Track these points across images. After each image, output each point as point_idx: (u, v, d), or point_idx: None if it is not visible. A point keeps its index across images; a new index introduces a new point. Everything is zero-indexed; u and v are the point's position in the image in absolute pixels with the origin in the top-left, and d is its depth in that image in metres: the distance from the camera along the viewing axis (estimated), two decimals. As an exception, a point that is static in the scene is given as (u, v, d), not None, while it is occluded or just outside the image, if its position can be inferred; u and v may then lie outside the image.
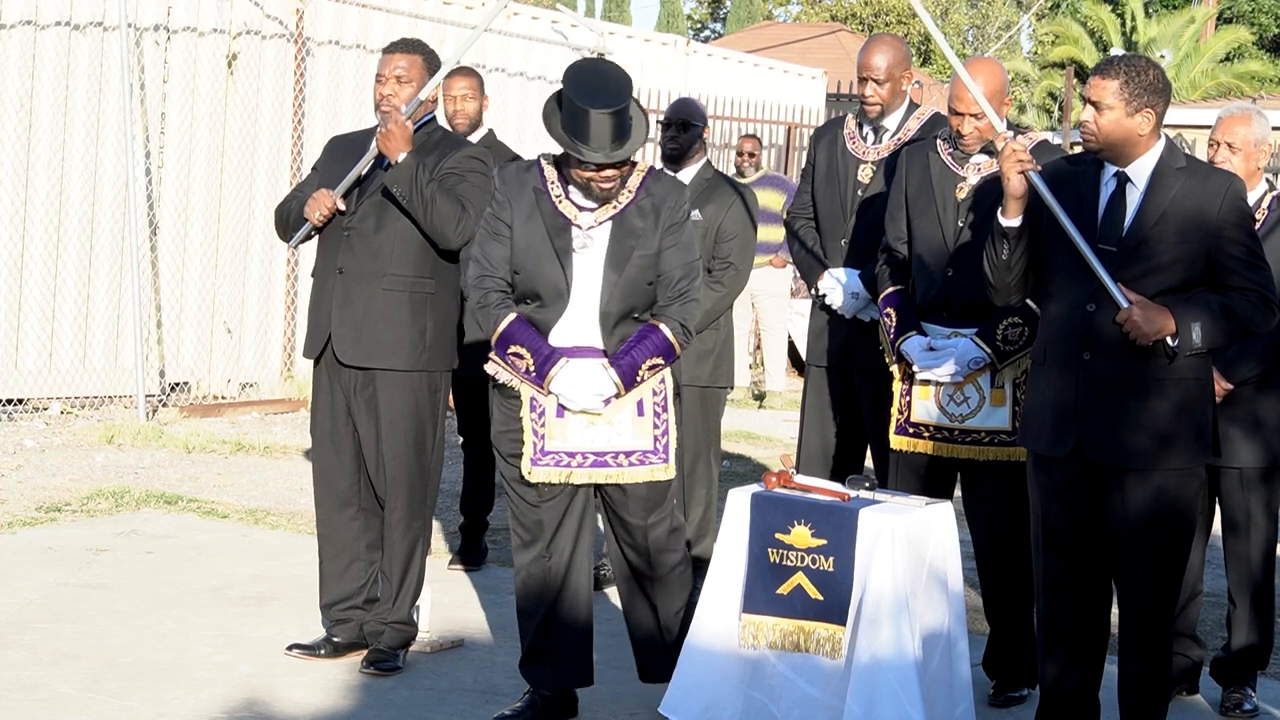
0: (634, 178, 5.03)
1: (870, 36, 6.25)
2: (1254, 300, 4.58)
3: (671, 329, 4.99)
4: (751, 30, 32.13)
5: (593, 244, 4.98)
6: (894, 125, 6.13)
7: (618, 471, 5.01)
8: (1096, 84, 4.58)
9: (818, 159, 6.28)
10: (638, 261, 4.96)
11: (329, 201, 5.51)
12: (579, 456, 5.00)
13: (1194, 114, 22.80)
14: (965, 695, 4.96)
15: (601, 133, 4.82)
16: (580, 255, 4.96)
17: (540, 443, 4.99)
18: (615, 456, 5.00)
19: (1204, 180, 4.61)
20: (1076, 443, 4.62)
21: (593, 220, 4.99)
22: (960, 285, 5.45)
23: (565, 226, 4.98)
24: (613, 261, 4.96)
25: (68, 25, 10.41)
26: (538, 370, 4.94)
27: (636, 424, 5.00)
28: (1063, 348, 4.65)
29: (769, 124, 15.68)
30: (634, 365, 4.94)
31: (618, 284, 4.95)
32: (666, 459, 5.03)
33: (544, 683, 5.16)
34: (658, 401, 5.02)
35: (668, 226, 4.99)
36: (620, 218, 4.99)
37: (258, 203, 11.42)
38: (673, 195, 5.03)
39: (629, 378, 4.94)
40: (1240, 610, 5.65)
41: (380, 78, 5.54)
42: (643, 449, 5.01)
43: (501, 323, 4.97)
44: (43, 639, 5.71)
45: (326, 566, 5.72)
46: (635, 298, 4.99)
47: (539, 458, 5.00)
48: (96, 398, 10.68)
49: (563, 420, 4.98)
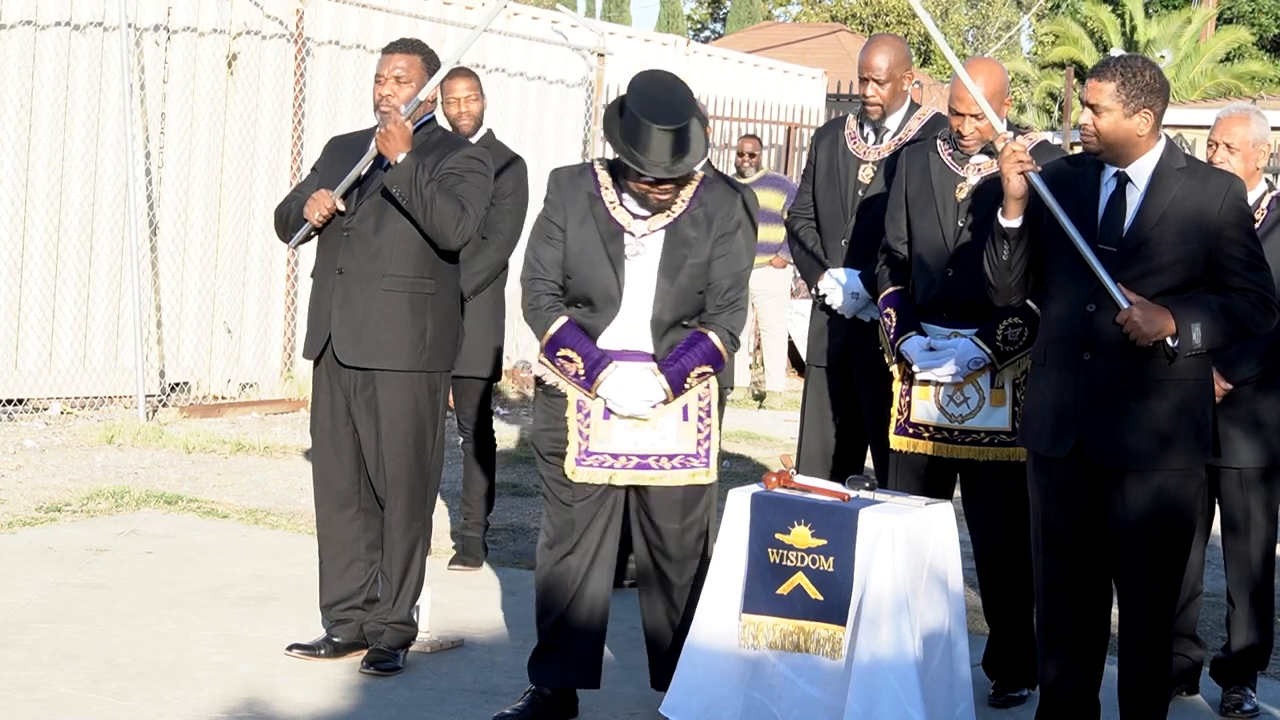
0: (688, 187, 5.06)
1: (871, 37, 6.25)
2: (1254, 301, 4.58)
3: (720, 337, 5.04)
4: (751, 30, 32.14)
5: (645, 251, 5.02)
6: (895, 125, 6.13)
7: (659, 474, 5.06)
8: (1093, 87, 4.58)
9: (818, 159, 6.29)
10: (689, 270, 5.01)
11: (329, 202, 5.51)
12: (622, 458, 5.04)
13: (1194, 114, 22.81)
14: (965, 695, 4.96)
15: (661, 148, 4.86)
16: (632, 262, 5.01)
17: (585, 443, 5.04)
18: (658, 459, 5.05)
19: (1204, 181, 4.61)
20: (1077, 443, 4.62)
21: (645, 228, 5.03)
22: (960, 285, 5.45)
23: (619, 233, 5.02)
24: (665, 270, 5.00)
25: (68, 25, 10.41)
26: (587, 374, 4.99)
27: (681, 428, 5.06)
28: (1063, 348, 4.65)
29: (769, 124, 15.68)
30: (683, 372, 5.00)
31: (669, 292, 5.00)
32: (708, 464, 5.08)
33: (549, 679, 5.16)
34: (702, 407, 5.07)
35: (719, 236, 5.04)
36: (674, 226, 5.03)
37: (258, 203, 11.42)
38: (725, 205, 5.07)
39: (677, 384, 4.99)
40: (1240, 610, 5.65)
41: (379, 78, 5.54)
42: (685, 453, 5.06)
43: (552, 326, 5.02)
44: (43, 639, 5.71)
45: (326, 567, 5.72)
46: (686, 306, 5.04)
47: (583, 458, 5.05)
48: (96, 398, 10.68)
49: (608, 422, 5.03)
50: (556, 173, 5.15)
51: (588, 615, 5.16)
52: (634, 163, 4.87)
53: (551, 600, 5.15)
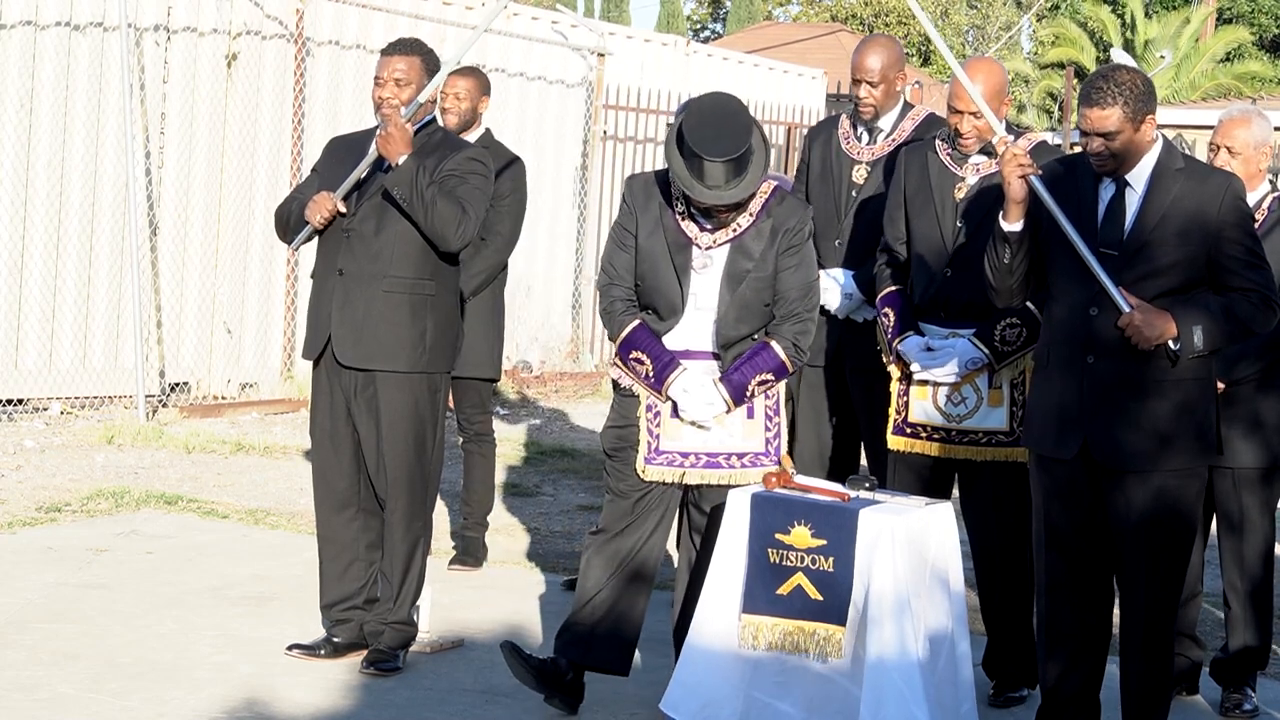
0: (756, 200, 5.10)
1: (864, 38, 6.25)
2: (1255, 300, 4.58)
3: (783, 346, 5.09)
4: (751, 30, 32.15)
5: (712, 264, 5.08)
6: (889, 126, 6.13)
7: (729, 473, 5.12)
8: (1099, 117, 4.54)
9: (811, 159, 6.29)
10: (752, 284, 5.07)
11: (329, 204, 5.51)
12: (692, 456, 5.13)
13: (1194, 114, 22.81)
14: (968, 695, 4.96)
15: (715, 175, 4.91)
16: (700, 275, 5.08)
17: (655, 442, 5.12)
18: (728, 458, 5.12)
19: (1203, 181, 4.61)
20: (1081, 444, 4.62)
21: (712, 240, 5.09)
22: (958, 286, 5.45)
23: (686, 245, 5.09)
24: (728, 282, 5.07)
25: (68, 25, 10.41)
26: (656, 376, 5.08)
27: (747, 426, 5.12)
28: (1065, 350, 4.66)
29: (769, 124, 15.67)
30: (744, 382, 5.06)
31: (731, 304, 5.06)
32: (778, 461, 5.14)
33: (573, 654, 5.20)
34: (769, 405, 5.14)
35: (785, 249, 5.09)
36: (739, 240, 5.09)
37: (258, 203, 11.42)
38: (793, 217, 5.12)
39: (739, 394, 5.06)
40: (1239, 611, 5.65)
41: (379, 80, 5.54)
42: (754, 451, 5.13)
43: (625, 329, 5.13)
44: (43, 639, 5.71)
45: (326, 567, 5.72)
46: (750, 318, 5.10)
47: (653, 456, 5.13)
48: (96, 398, 10.68)
49: (677, 421, 5.11)
50: (631, 180, 5.24)
51: (623, 606, 5.20)
52: (691, 190, 4.94)
53: (586, 587, 5.21)
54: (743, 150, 4.90)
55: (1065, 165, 4.85)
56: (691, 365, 5.08)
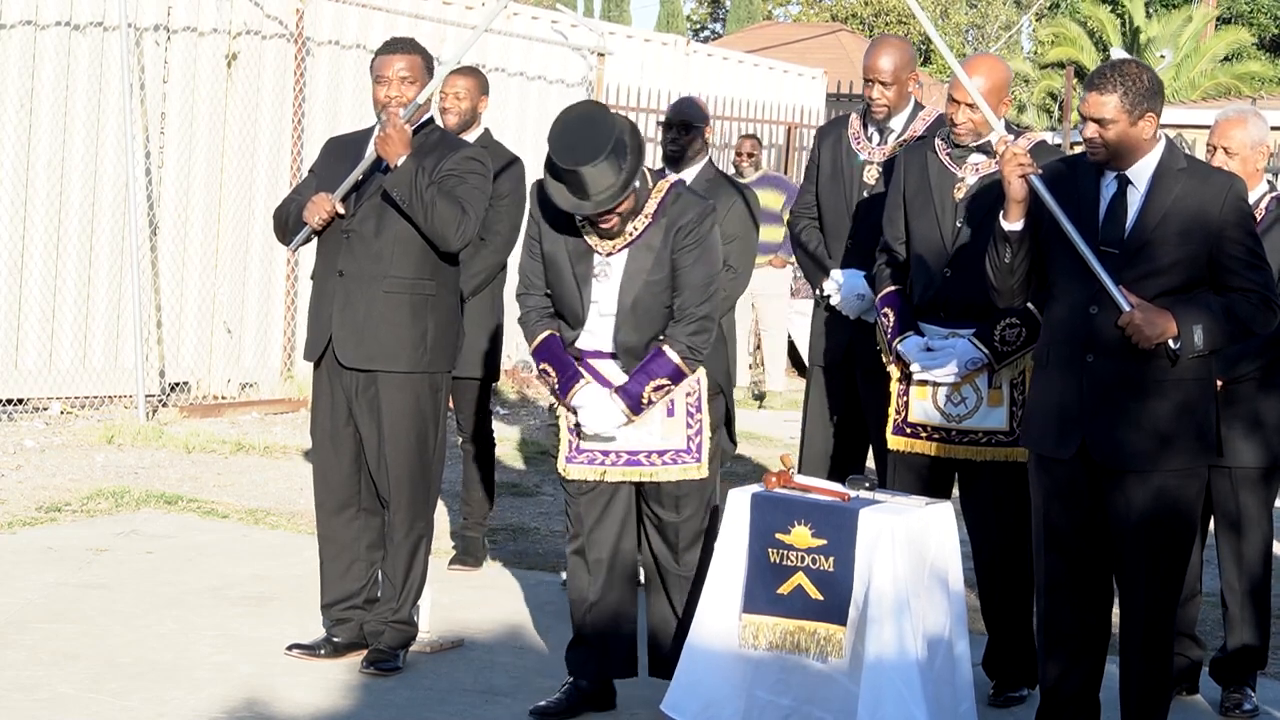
0: (651, 201, 5.09)
1: (875, 39, 6.24)
2: (1255, 301, 4.58)
3: (677, 350, 5.06)
4: (751, 30, 32.14)
5: (611, 270, 5.08)
6: (899, 126, 6.12)
7: (650, 470, 5.13)
8: (1095, 101, 4.56)
9: (822, 159, 6.28)
10: (650, 287, 5.06)
11: (328, 205, 5.51)
12: (613, 455, 5.12)
13: (1194, 114, 22.80)
14: (967, 695, 4.96)
15: (580, 185, 4.90)
16: (600, 283, 5.08)
17: (576, 440, 5.13)
18: (648, 455, 5.12)
19: (1205, 181, 4.61)
20: (1080, 444, 4.62)
21: (611, 247, 5.09)
22: (958, 285, 5.45)
23: (587, 252, 5.10)
24: (624, 289, 5.06)
25: (68, 25, 10.41)
26: (561, 388, 5.12)
27: (666, 424, 5.11)
28: (1065, 349, 4.66)
29: (769, 124, 15.68)
30: (638, 390, 5.04)
31: (629, 311, 5.05)
32: (699, 458, 5.13)
33: (585, 673, 5.25)
34: (691, 402, 5.12)
35: (678, 247, 5.05)
36: (636, 246, 5.08)
37: (258, 203, 11.42)
38: (688, 213, 5.07)
39: (634, 403, 5.05)
40: (1238, 610, 5.65)
41: (383, 79, 5.52)
42: (675, 448, 5.13)
43: (536, 339, 5.18)
44: (43, 639, 5.71)
45: (327, 567, 5.72)
46: (650, 324, 5.08)
47: (574, 455, 5.15)
48: (96, 398, 10.68)
49: None
50: (537, 185, 5.18)
51: (615, 608, 5.24)
52: (556, 200, 4.95)
53: (577, 593, 5.26)
54: (601, 156, 4.85)
55: (1068, 164, 4.85)
56: (603, 367, 5.09)
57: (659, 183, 5.13)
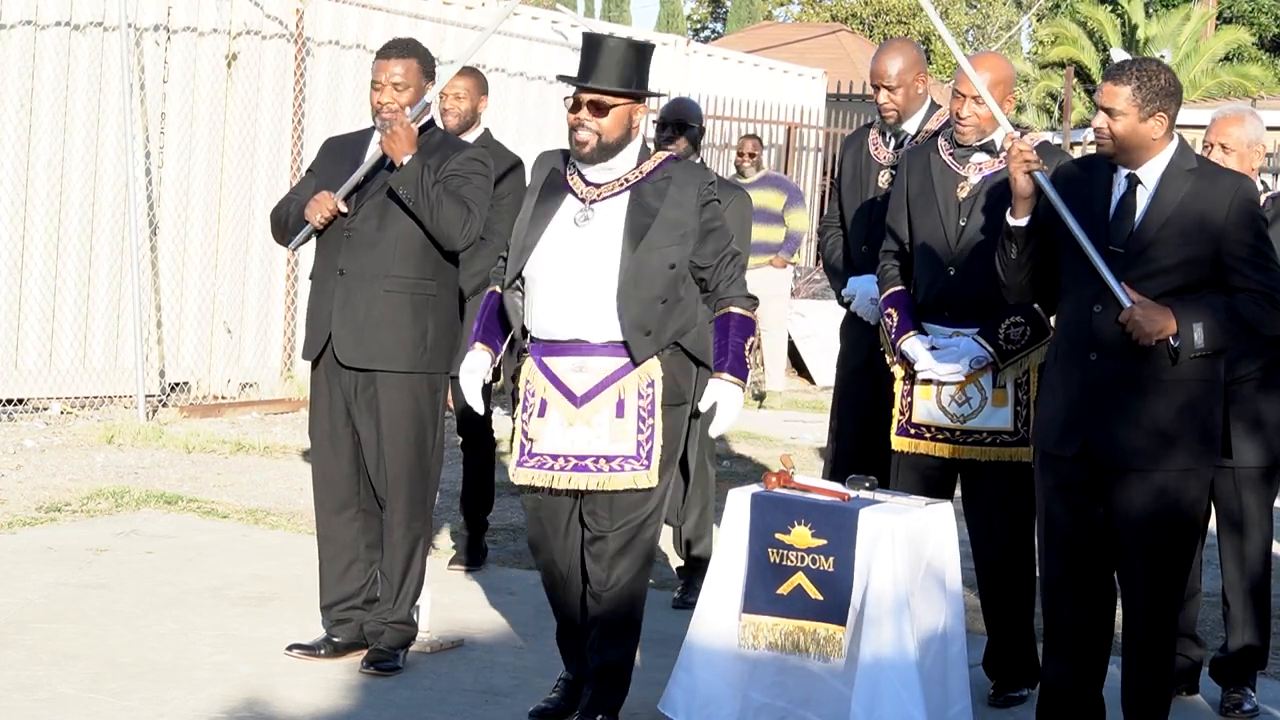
0: (650, 162, 4.94)
1: (882, 43, 6.24)
2: (1260, 301, 4.57)
3: (745, 306, 5.04)
4: (751, 30, 32.13)
5: (595, 218, 4.89)
6: (914, 128, 6.10)
7: (598, 477, 4.86)
8: (1109, 90, 4.57)
9: (844, 168, 6.29)
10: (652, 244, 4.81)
11: (330, 204, 5.51)
12: (561, 459, 4.89)
13: (1194, 114, 22.78)
14: (964, 694, 4.97)
15: (594, 56, 4.81)
16: (582, 229, 4.88)
17: (529, 444, 4.94)
18: (596, 461, 4.86)
19: (1213, 181, 4.62)
20: (1084, 442, 4.63)
21: (597, 195, 4.90)
22: (962, 285, 5.45)
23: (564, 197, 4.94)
24: (630, 236, 4.83)
25: (68, 25, 10.42)
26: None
27: (614, 426, 4.85)
28: (1071, 348, 4.67)
29: (769, 124, 15.68)
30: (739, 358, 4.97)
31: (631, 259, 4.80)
32: (648, 465, 4.86)
33: (569, 666, 5.21)
34: (643, 405, 4.87)
35: (703, 203, 4.89)
36: (636, 192, 4.87)
37: (258, 203, 11.43)
38: (697, 177, 4.93)
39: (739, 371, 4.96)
40: (1239, 610, 5.65)
41: (377, 84, 5.53)
42: (623, 454, 4.85)
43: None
44: (43, 639, 5.71)
45: (326, 567, 5.72)
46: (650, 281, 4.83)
47: (524, 459, 4.95)
48: (96, 398, 10.68)
49: (544, 420, 4.91)
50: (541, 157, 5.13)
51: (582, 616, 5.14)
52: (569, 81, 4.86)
53: (549, 596, 5.21)
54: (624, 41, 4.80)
55: (1082, 164, 4.87)
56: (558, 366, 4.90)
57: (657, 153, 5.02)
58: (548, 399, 4.91)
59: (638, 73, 4.86)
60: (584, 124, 4.85)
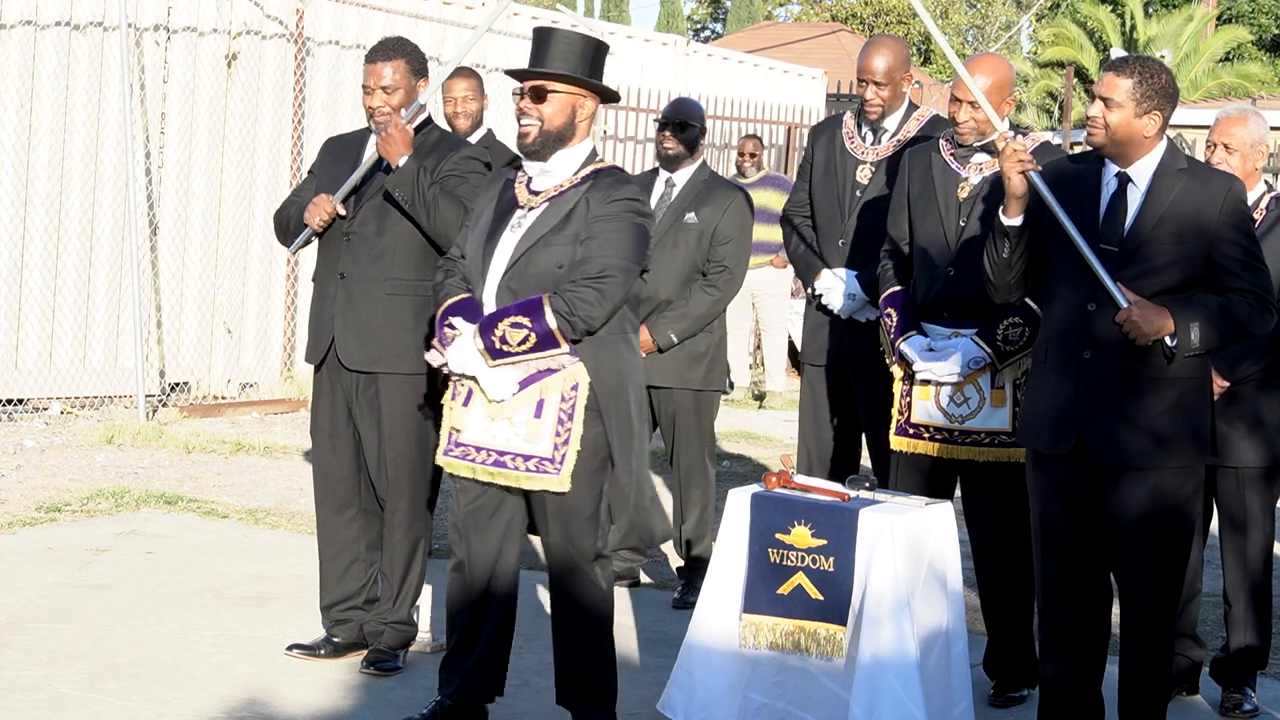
0: (587, 168, 4.86)
1: (869, 39, 6.25)
2: (1252, 302, 4.59)
3: (551, 301, 4.66)
4: (751, 30, 32.15)
5: (525, 222, 4.83)
6: (893, 126, 6.13)
7: (515, 475, 4.77)
8: (1109, 81, 4.58)
9: (815, 157, 6.29)
10: (546, 244, 4.74)
11: (329, 206, 5.52)
12: (484, 452, 4.80)
13: (1194, 114, 22.80)
14: (965, 695, 4.97)
15: (544, 46, 4.78)
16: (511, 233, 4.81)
17: (455, 434, 4.85)
18: (513, 458, 4.76)
19: (1204, 182, 4.62)
20: (1076, 441, 4.63)
21: (534, 201, 4.85)
22: (961, 285, 5.45)
23: (511, 209, 4.88)
24: (525, 239, 4.78)
25: (68, 25, 10.42)
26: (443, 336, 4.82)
27: (531, 425, 4.75)
28: (1063, 347, 4.66)
29: (769, 124, 15.68)
30: (490, 325, 4.69)
31: (520, 262, 4.75)
32: (559, 470, 4.72)
33: (447, 689, 4.97)
34: (564, 409, 4.74)
35: (598, 216, 4.75)
36: (555, 200, 4.81)
37: (258, 203, 11.43)
38: (614, 189, 4.77)
39: (489, 340, 4.67)
40: (1239, 610, 5.65)
41: (367, 89, 5.54)
42: (540, 456, 4.74)
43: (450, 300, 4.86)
44: (43, 639, 5.71)
45: (327, 567, 5.73)
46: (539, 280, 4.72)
47: (451, 448, 4.86)
48: (96, 398, 10.68)
49: (467, 410, 4.82)
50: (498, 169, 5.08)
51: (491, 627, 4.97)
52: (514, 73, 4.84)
53: (454, 607, 4.98)
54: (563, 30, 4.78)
55: (1071, 162, 4.87)
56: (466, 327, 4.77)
57: (603, 161, 4.93)
58: (473, 389, 4.82)
59: (585, 63, 4.82)
60: (526, 113, 4.81)
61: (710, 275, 6.69)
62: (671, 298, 6.67)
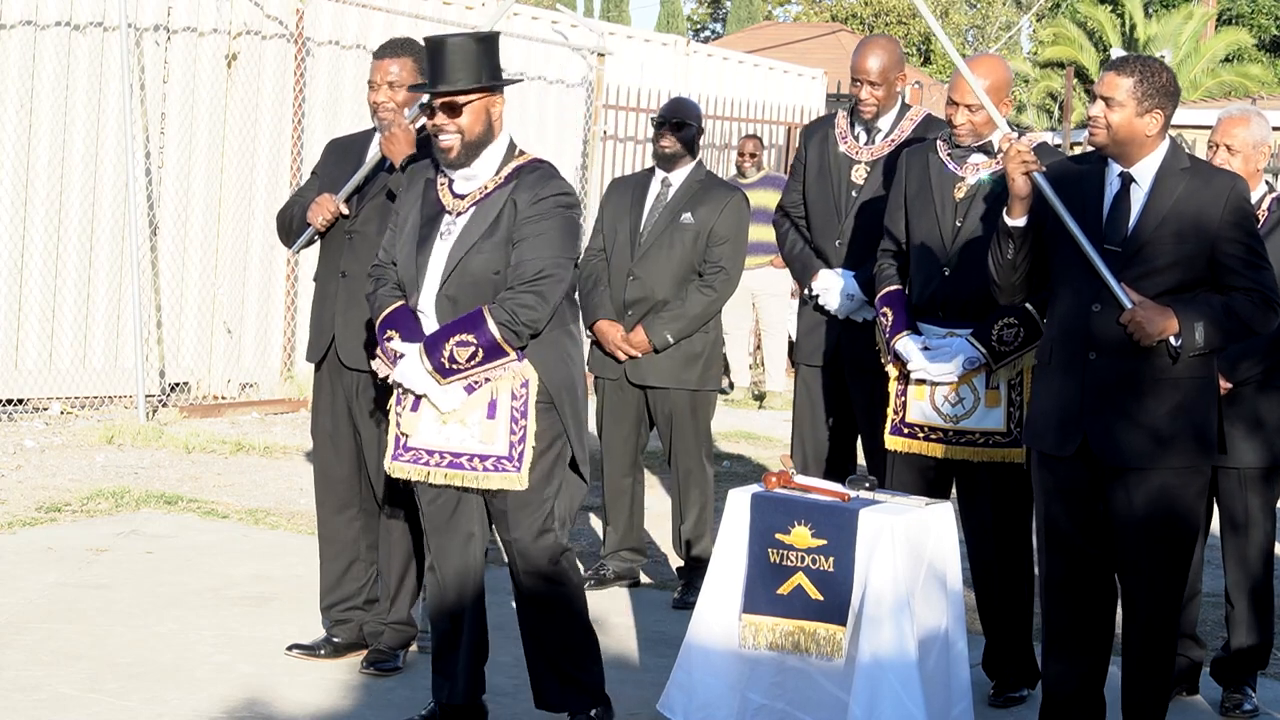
0: (509, 165, 4.85)
1: (864, 39, 6.25)
2: (1256, 300, 4.59)
3: (494, 315, 4.64)
4: (751, 30, 32.16)
5: (454, 229, 4.80)
6: (887, 126, 6.14)
7: (472, 475, 4.74)
8: (1110, 80, 4.58)
9: (808, 157, 6.28)
10: (480, 250, 4.72)
11: (332, 206, 5.52)
12: (437, 455, 4.77)
13: (1194, 114, 22.80)
14: (964, 695, 4.97)
15: (440, 60, 4.73)
16: (442, 241, 4.79)
17: (404, 438, 4.82)
18: (470, 459, 4.74)
19: (1207, 182, 4.62)
20: (1082, 441, 4.63)
21: (462, 206, 4.82)
22: (957, 285, 5.45)
23: (438, 215, 4.84)
24: (457, 246, 4.76)
25: (68, 25, 10.42)
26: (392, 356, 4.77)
27: (485, 426, 4.73)
28: (1068, 347, 4.66)
29: (769, 124, 15.67)
30: (436, 345, 4.66)
31: (455, 270, 4.74)
32: (519, 468, 4.72)
33: (440, 695, 4.96)
34: (516, 407, 4.74)
35: (525, 218, 4.71)
36: (481, 203, 4.79)
37: (258, 203, 11.43)
38: (538, 186, 4.76)
39: (437, 359, 4.66)
40: (1240, 610, 5.65)
41: (373, 84, 5.55)
42: (496, 455, 4.72)
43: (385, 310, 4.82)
44: (43, 639, 5.71)
45: (327, 567, 5.73)
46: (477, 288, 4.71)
47: (399, 453, 4.82)
48: (96, 398, 10.68)
49: (416, 414, 4.78)
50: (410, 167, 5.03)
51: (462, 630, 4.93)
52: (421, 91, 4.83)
53: (432, 611, 4.97)
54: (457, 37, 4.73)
55: (1074, 163, 4.87)
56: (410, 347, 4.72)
57: (524, 154, 4.92)
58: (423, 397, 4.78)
59: (485, 64, 4.78)
60: (443, 129, 4.77)
61: (706, 275, 6.69)
62: (668, 298, 6.67)
